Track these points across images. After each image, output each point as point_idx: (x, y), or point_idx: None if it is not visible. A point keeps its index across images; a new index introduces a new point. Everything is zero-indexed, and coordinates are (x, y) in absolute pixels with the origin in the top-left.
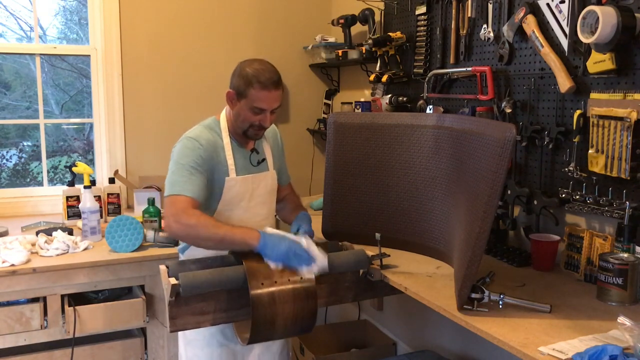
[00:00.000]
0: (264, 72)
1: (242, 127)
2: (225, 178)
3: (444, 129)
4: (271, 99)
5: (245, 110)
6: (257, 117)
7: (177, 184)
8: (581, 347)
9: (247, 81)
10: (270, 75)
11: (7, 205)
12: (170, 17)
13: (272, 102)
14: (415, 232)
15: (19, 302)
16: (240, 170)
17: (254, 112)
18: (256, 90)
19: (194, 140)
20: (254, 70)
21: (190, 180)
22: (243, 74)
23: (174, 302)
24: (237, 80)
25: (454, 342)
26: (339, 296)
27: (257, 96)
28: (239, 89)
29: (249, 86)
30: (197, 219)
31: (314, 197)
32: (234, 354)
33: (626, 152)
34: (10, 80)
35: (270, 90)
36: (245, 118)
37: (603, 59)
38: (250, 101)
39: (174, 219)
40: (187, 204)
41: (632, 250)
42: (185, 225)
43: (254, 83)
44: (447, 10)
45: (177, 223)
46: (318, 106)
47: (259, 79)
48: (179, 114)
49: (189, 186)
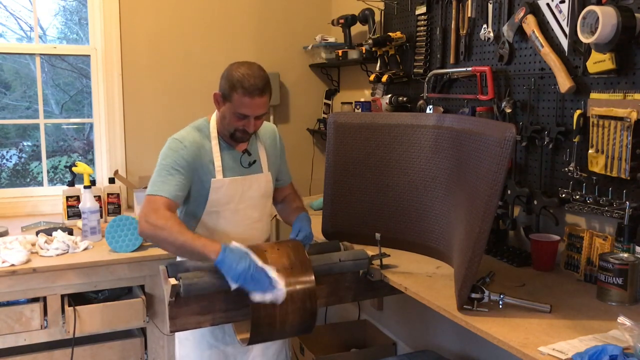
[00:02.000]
0: (249, 78)
1: (229, 130)
2: (211, 179)
3: (444, 129)
4: (254, 106)
5: (229, 114)
6: (241, 122)
7: (155, 184)
8: (581, 347)
9: (232, 85)
10: (255, 81)
11: (7, 205)
12: (170, 17)
13: (255, 109)
14: (415, 232)
15: (19, 302)
16: (229, 171)
17: (238, 117)
18: (239, 95)
19: (178, 141)
20: (239, 75)
21: (167, 181)
22: (229, 77)
23: (174, 303)
24: (224, 82)
25: (454, 342)
26: (339, 296)
27: (240, 102)
28: (224, 92)
29: (232, 90)
30: (165, 221)
31: (314, 197)
32: (225, 356)
33: (626, 152)
34: (10, 80)
35: (253, 97)
36: (229, 121)
37: (603, 59)
38: (234, 106)
39: (144, 218)
40: (160, 204)
41: (632, 250)
42: (153, 225)
43: (238, 88)
44: (447, 10)
45: (145, 222)
46: (318, 106)
47: (243, 84)
48: (179, 113)
49: (165, 186)
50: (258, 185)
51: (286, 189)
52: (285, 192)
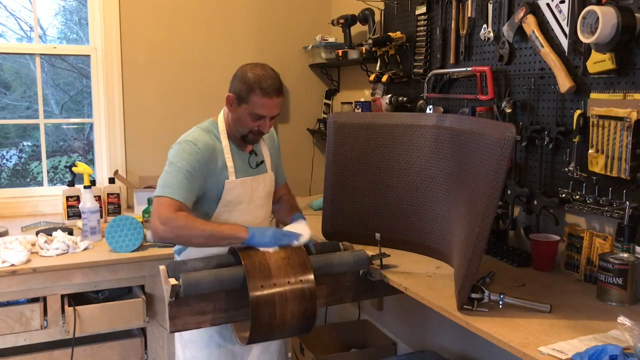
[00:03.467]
0: (266, 79)
1: (241, 132)
2: (224, 181)
3: (444, 129)
4: (272, 106)
5: (245, 115)
6: (256, 122)
7: (171, 186)
8: (581, 347)
9: (249, 87)
10: (273, 82)
11: (7, 205)
12: (170, 17)
13: (272, 109)
14: (415, 232)
15: (19, 302)
16: (240, 172)
17: (254, 118)
18: (258, 96)
19: (192, 143)
20: (256, 76)
21: (184, 185)
22: (245, 79)
23: (174, 303)
24: (238, 84)
25: (454, 342)
26: (339, 296)
27: (258, 102)
28: (240, 93)
29: (250, 92)
30: (184, 220)
31: (314, 197)
32: (233, 355)
33: (626, 152)
34: (10, 80)
35: (271, 97)
36: (244, 123)
37: (603, 59)
38: (250, 107)
39: (160, 221)
40: (175, 207)
41: (632, 250)
42: (174, 227)
43: (256, 89)
44: (447, 10)
45: (165, 225)
46: (318, 106)
47: (261, 85)
48: (179, 114)
49: (182, 191)
50: (264, 185)
51: (282, 189)
52: (280, 192)
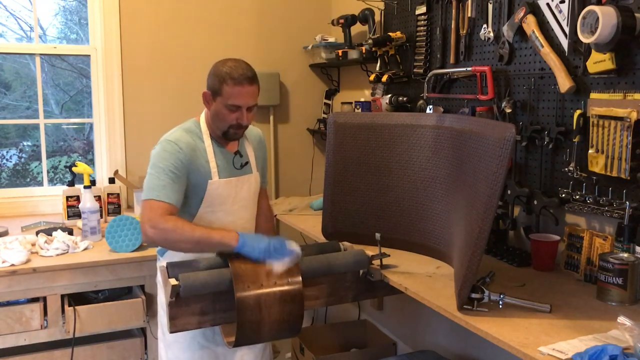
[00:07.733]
0: (237, 69)
1: (222, 128)
2: (208, 181)
3: (444, 129)
4: (245, 94)
5: (221, 108)
6: (234, 114)
7: (157, 188)
8: (581, 347)
9: (221, 78)
10: (244, 71)
11: (7, 205)
12: (170, 17)
13: (246, 98)
14: (415, 232)
15: (19, 302)
16: (223, 172)
17: (230, 110)
18: (229, 86)
19: (174, 143)
20: (227, 68)
21: (169, 186)
22: (217, 72)
23: (174, 303)
24: (211, 79)
25: (454, 342)
26: (339, 296)
27: (231, 92)
28: (213, 87)
29: (222, 83)
30: (173, 223)
31: (314, 197)
32: (215, 355)
33: (626, 152)
34: (10, 80)
35: (243, 85)
36: (222, 118)
37: (603, 58)
38: (225, 99)
39: (150, 224)
40: (164, 210)
41: (632, 250)
42: (162, 230)
43: (227, 79)
44: (447, 10)
45: (153, 229)
46: (318, 106)
47: (232, 75)
48: (179, 113)
49: (168, 192)
50: (249, 185)
51: (261, 193)
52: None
